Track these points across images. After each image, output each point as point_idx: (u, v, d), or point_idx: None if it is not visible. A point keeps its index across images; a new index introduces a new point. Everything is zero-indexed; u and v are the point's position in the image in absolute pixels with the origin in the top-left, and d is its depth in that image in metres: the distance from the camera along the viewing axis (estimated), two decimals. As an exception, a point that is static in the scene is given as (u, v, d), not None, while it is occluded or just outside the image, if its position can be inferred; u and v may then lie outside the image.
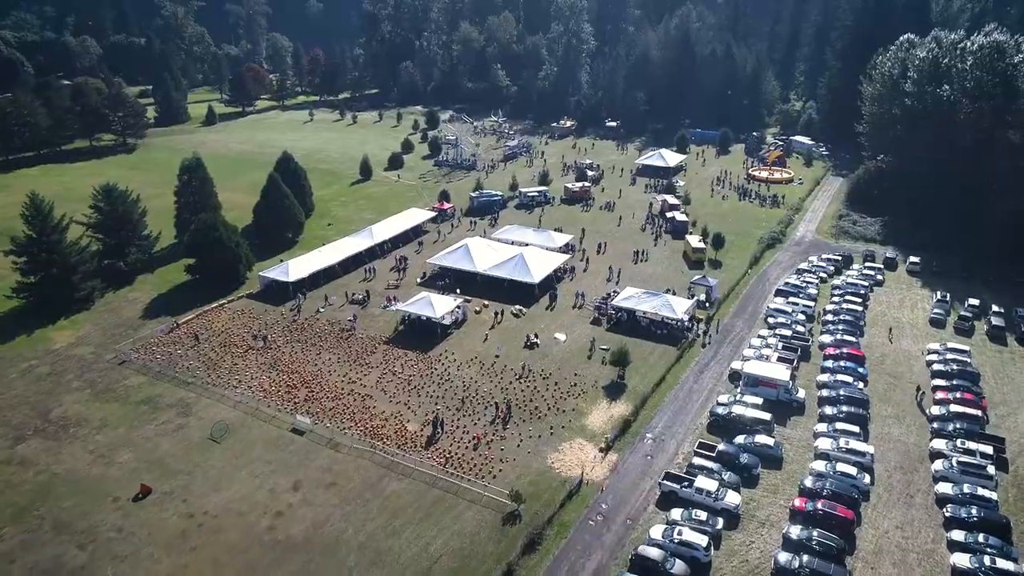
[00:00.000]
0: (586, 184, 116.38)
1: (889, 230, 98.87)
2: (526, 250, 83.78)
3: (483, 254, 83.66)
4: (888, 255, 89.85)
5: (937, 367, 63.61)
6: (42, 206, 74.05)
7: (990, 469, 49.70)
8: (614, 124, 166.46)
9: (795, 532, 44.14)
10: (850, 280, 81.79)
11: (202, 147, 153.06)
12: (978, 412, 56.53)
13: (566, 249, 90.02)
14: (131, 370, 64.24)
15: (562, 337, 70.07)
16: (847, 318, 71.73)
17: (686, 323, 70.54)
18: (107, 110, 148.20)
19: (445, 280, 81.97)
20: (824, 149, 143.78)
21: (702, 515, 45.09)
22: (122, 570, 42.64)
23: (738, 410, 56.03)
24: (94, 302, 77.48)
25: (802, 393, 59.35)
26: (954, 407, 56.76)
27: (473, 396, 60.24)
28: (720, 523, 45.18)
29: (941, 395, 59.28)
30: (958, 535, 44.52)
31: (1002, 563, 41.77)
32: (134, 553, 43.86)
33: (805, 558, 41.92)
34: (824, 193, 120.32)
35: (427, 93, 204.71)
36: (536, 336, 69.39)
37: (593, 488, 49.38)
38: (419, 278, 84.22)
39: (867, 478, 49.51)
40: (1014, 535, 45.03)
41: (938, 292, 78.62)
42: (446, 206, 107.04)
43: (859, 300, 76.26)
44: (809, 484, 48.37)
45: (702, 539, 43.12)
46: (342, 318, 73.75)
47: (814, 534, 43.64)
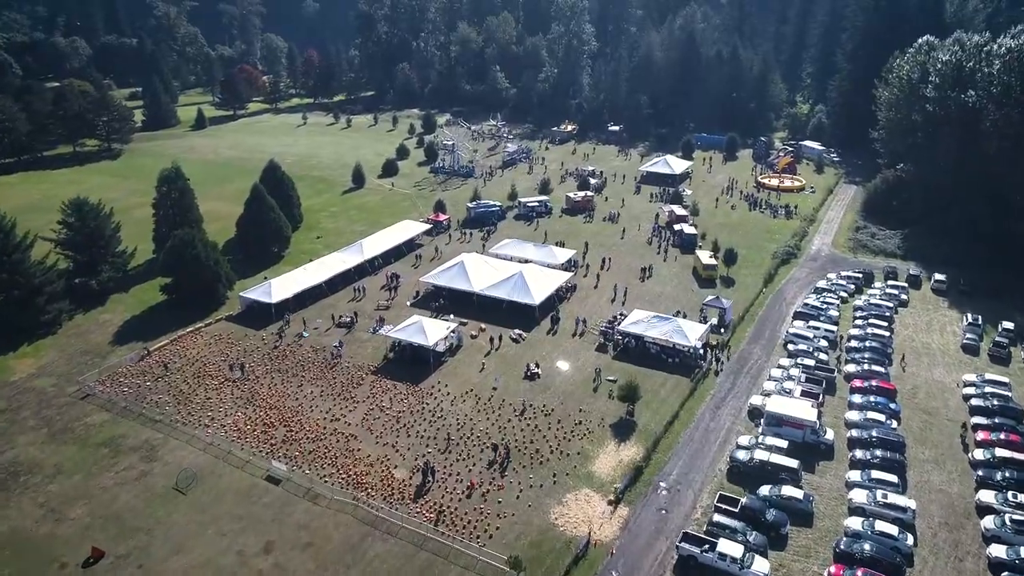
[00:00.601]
0: (588, 194, 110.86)
1: (910, 244, 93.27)
2: (526, 268, 78.28)
3: (480, 272, 78.15)
4: (911, 272, 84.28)
5: (975, 402, 58.12)
6: (3, 223, 68.54)
7: (1048, 528, 44.32)
8: (616, 128, 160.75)
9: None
10: (873, 301, 76.18)
11: (190, 152, 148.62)
12: (1027, 457, 51.12)
13: (569, 266, 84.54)
14: (94, 405, 58.69)
15: (565, 366, 64.64)
16: (873, 344, 66.19)
17: (700, 351, 65.06)
18: (91, 114, 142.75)
19: (439, 300, 76.47)
20: (835, 155, 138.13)
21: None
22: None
23: (761, 455, 50.52)
24: (61, 325, 71.92)
25: (831, 434, 53.82)
26: (999, 451, 51.31)
27: (468, 436, 54.78)
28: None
29: (983, 436, 53.83)
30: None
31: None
32: (79, 633, 38.52)
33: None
34: (838, 202, 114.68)
35: (424, 96, 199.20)
36: (537, 366, 63.88)
37: (602, 551, 43.90)
38: (411, 298, 78.72)
39: (909, 538, 44.00)
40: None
41: (968, 314, 73.01)
42: (441, 218, 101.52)
43: (885, 324, 70.71)
44: (845, 547, 42.94)
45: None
46: (327, 344, 68.25)
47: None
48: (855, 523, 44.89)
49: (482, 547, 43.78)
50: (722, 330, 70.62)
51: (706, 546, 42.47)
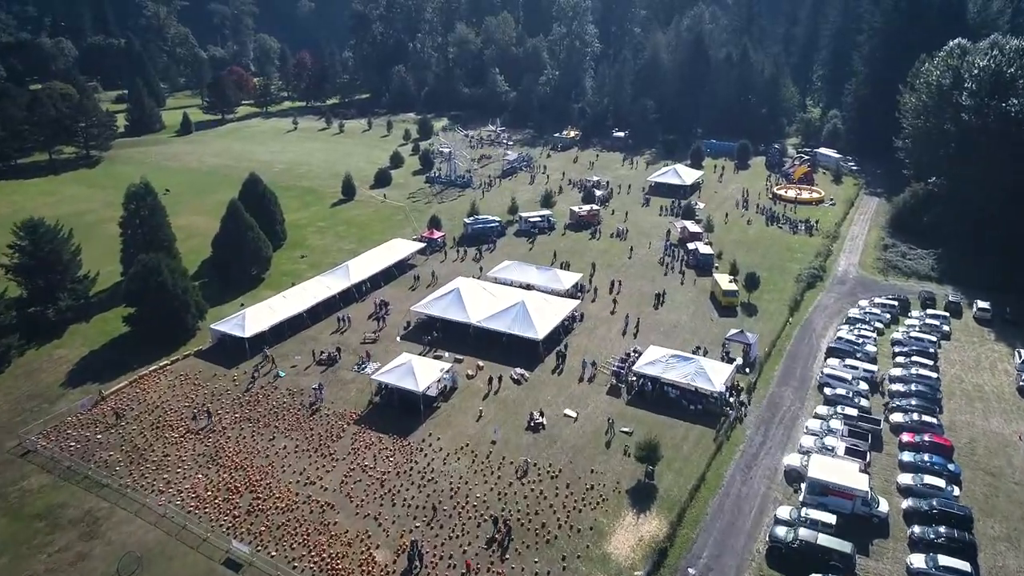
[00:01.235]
0: (595, 207, 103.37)
1: (945, 265, 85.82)
2: (528, 296, 70.73)
3: (477, 300, 70.68)
4: (951, 298, 76.89)
5: (1044, 461, 50.93)
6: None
7: None
8: (621, 134, 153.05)
9: None
10: (913, 334, 68.67)
11: (172, 160, 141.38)
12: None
13: (575, 292, 77.10)
14: (35, 464, 51.21)
15: (573, 414, 57.18)
16: (920, 388, 58.72)
17: (726, 396, 57.61)
18: (69, 120, 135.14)
19: (432, 333, 68.94)
20: (853, 163, 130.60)
21: None
22: None
23: (806, 535, 43.07)
24: (10, 363, 64.44)
25: (884, 505, 46.41)
26: (1083, 528, 44.05)
27: (463, 504, 47.36)
28: None
29: (1060, 506, 46.60)
30: None
31: None
32: None
33: None
34: (861, 216, 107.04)
35: (420, 99, 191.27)
36: (541, 414, 56.37)
37: (622, 665, 36.58)
38: (401, 329, 71.24)
39: (992, 648, 36.79)
40: None
41: (1021, 351, 65.55)
42: (436, 235, 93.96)
43: (930, 362, 63.21)
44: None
45: None
46: (306, 386, 60.73)
47: None
48: (925, 627, 37.59)
49: (478, 660, 36.44)
50: (747, 370, 63.16)
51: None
